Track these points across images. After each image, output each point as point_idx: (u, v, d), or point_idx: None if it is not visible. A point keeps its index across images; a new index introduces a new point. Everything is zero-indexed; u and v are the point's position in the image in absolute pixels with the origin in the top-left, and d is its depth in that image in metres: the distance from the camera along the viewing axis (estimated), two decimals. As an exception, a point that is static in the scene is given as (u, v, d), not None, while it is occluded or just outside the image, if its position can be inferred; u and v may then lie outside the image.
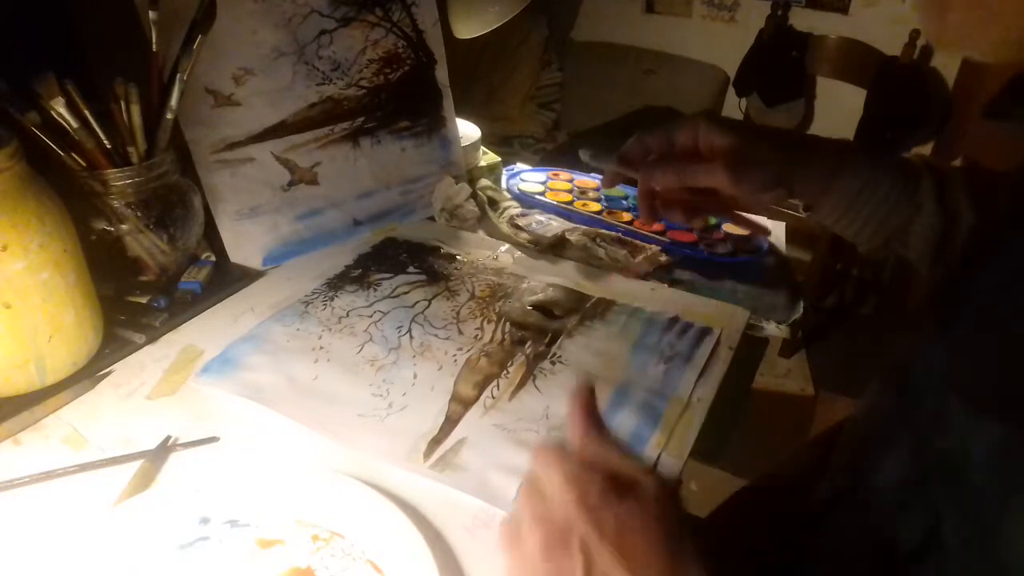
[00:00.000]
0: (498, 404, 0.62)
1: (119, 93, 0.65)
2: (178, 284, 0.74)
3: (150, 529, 0.47)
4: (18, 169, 0.54)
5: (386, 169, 0.90)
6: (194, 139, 0.76)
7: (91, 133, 0.65)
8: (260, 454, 0.56)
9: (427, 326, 0.72)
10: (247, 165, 0.80)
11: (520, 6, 1.14)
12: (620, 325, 0.73)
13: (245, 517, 0.49)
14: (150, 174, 0.68)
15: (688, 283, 0.82)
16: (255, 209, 0.81)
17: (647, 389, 0.64)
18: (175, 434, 0.57)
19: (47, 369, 0.59)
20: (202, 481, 0.51)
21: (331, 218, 0.87)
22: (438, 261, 0.83)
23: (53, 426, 0.57)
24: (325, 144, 0.85)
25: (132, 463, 0.53)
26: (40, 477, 0.52)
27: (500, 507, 0.52)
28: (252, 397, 0.61)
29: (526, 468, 0.54)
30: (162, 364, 0.65)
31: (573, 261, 0.85)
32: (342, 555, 0.47)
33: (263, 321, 0.71)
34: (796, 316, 0.79)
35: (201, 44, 0.68)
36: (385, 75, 0.88)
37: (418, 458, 0.56)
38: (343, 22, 0.84)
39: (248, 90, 0.79)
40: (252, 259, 0.81)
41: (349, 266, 0.81)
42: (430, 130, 0.93)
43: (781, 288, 0.82)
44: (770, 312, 0.79)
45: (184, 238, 0.73)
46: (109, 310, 0.67)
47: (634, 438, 0.59)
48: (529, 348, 0.69)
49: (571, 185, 1.01)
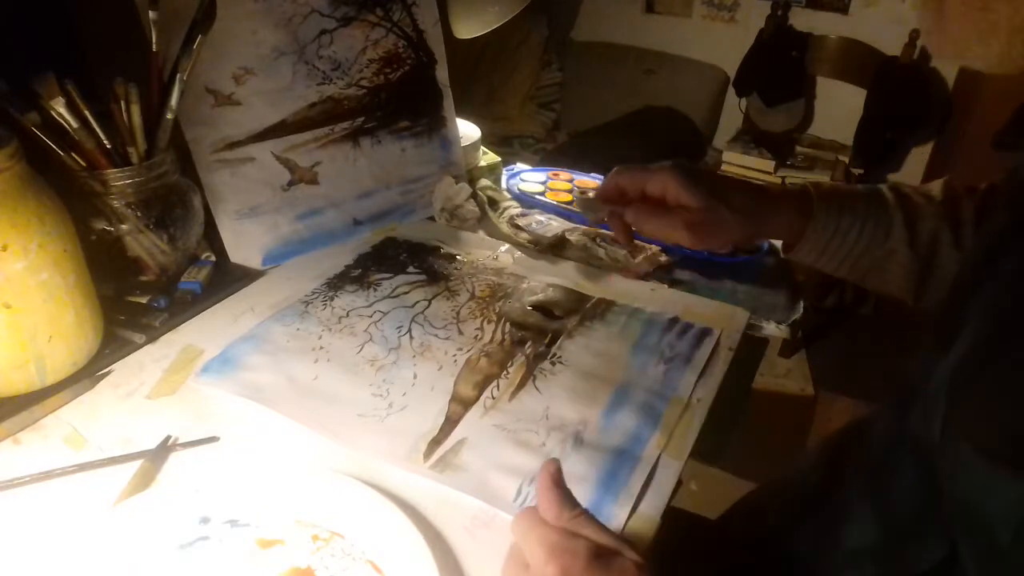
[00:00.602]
0: (498, 404, 0.62)
1: (119, 93, 0.65)
2: (178, 284, 0.74)
3: (150, 529, 0.47)
4: (18, 169, 0.54)
5: (386, 169, 0.90)
6: (194, 139, 0.76)
7: (91, 133, 0.64)
8: (260, 454, 0.56)
9: (427, 326, 0.72)
10: (247, 165, 0.80)
11: (520, 6, 1.13)
12: (620, 325, 0.73)
13: (245, 517, 0.49)
14: (150, 174, 0.68)
15: (688, 283, 0.82)
16: (255, 209, 0.81)
17: (647, 390, 0.64)
18: (175, 434, 0.57)
19: (47, 369, 0.59)
20: (202, 481, 0.51)
21: (331, 218, 0.87)
22: (438, 261, 0.83)
23: (53, 426, 0.57)
24: (325, 144, 0.85)
25: (132, 463, 0.53)
26: (40, 477, 0.52)
27: (500, 507, 0.52)
28: (252, 397, 0.61)
29: (526, 469, 0.54)
30: (162, 364, 0.65)
31: (573, 261, 0.85)
32: (342, 555, 0.47)
33: (263, 321, 0.71)
34: (796, 316, 0.79)
35: (201, 44, 0.68)
36: (385, 75, 0.88)
37: (418, 458, 0.56)
38: (343, 22, 0.84)
39: (248, 90, 0.79)
40: (252, 259, 0.81)
41: (349, 266, 0.81)
42: (430, 130, 0.93)
43: (781, 288, 0.82)
44: (770, 312, 0.79)
45: (184, 238, 0.73)
46: (109, 310, 0.67)
47: (634, 438, 0.59)
48: (529, 348, 0.69)
49: (571, 185, 1.01)
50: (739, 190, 0.64)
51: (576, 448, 0.57)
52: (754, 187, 0.65)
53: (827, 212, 0.63)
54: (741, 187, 0.65)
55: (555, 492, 0.40)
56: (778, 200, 0.65)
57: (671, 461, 0.57)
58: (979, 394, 0.38)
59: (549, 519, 0.40)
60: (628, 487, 0.54)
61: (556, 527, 0.39)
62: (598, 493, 0.53)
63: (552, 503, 0.40)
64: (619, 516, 0.51)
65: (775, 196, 0.65)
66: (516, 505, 0.52)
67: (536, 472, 0.48)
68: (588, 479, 0.54)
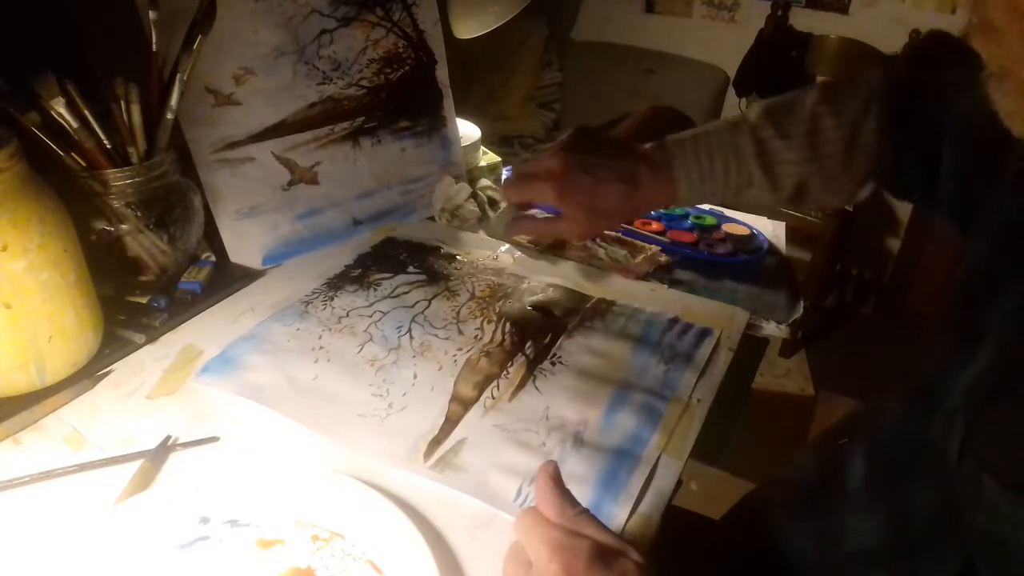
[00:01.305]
0: (498, 404, 0.62)
1: (119, 93, 0.65)
2: (178, 284, 0.73)
3: (150, 529, 0.47)
4: (18, 169, 0.54)
5: (386, 169, 0.90)
6: (194, 139, 0.76)
7: (91, 133, 0.65)
8: (260, 454, 0.56)
9: (427, 326, 0.72)
10: (247, 165, 0.80)
11: (520, 6, 1.14)
12: (620, 326, 0.73)
13: (245, 517, 0.49)
14: (150, 174, 0.68)
15: (688, 283, 0.82)
16: (255, 209, 0.81)
17: (647, 390, 0.64)
18: (175, 434, 0.57)
19: (47, 369, 0.59)
20: (202, 481, 0.51)
21: (331, 218, 0.87)
22: (438, 261, 0.83)
23: (53, 426, 0.57)
24: (325, 144, 0.85)
25: (132, 463, 0.53)
26: (40, 477, 0.52)
27: (500, 508, 0.52)
28: (252, 397, 0.61)
29: (526, 469, 0.54)
30: (162, 364, 0.65)
31: (573, 261, 0.85)
32: (342, 555, 0.47)
33: (263, 321, 0.71)
34: (796, 316, 0.79)
35: (201, 44, 0.68)
36: (385, 75, 0.88)
37: (418, 458, 0.56)
38: (343, 22, 0.84)
39: (248, 89, 0.79)
40: (252, 259, 0.81)
41: (349, 266, 0.81)
42: (430, 130, 0.93)
43: (781, 288, 0.82)
44: (770, 312, 0.78)
45: (184, 238, 0.73)
46: (109, 310, 0.67)
47: (634, 439, 0.59)
48: (529, 348, 0.69)
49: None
50: (605, 147, 0.68)
51: (576, 448, 0.57)
52: (625, 173, 0.67)
53: (686, 154, 0.66)
54: (607, 146, 0.69)
55: (555, 491, 0.40)
56: (640, 150, 0.68)
57: (671, 461, 0.57)
58: (1001, 419, 0.37)
59: (551, 518, 0.40)
60: (628, 487, 0.54)
61: (559, 526, 0.39)
62: (598, 493, 0.53)
63: (553, 502, 0.40)
64: (619, 516, 0.51)
65: (634, 146, 0.68)
66: (516, 505, 0.52)
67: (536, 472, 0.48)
68: (588, 479, 0.54)
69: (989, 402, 0.38)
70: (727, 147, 0.65)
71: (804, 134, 0.64)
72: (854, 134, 0.63)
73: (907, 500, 0.45)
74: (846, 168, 0.64)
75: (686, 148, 0.66)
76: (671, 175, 0.66)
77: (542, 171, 0.67)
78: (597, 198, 0.66)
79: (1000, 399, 0.38)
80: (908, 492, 0.45)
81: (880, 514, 0.48)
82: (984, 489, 0.36)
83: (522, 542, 0.39)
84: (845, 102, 0.63)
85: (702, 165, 0.66)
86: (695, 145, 0.66)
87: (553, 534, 0.38)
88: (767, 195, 0.66)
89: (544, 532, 0.38)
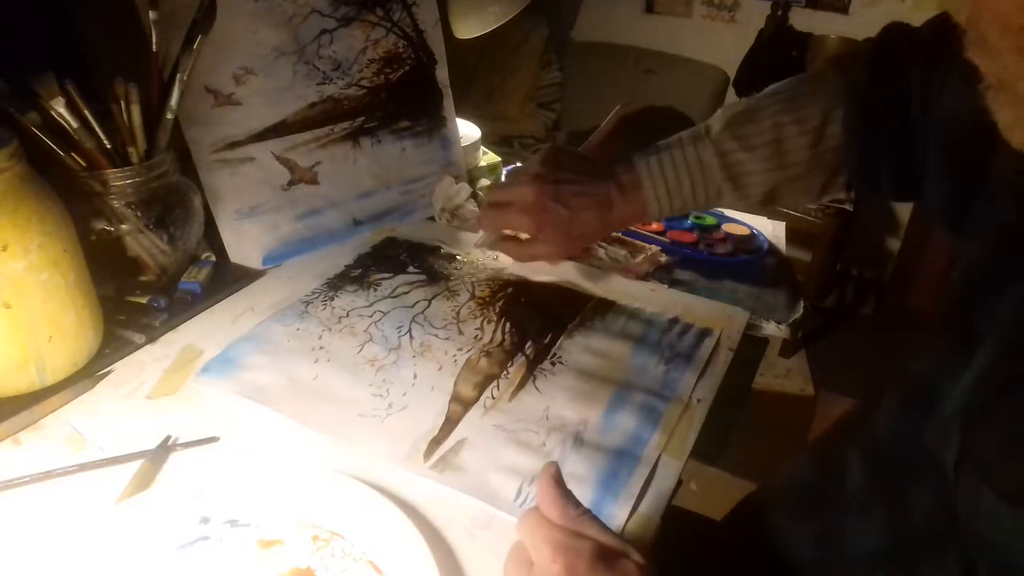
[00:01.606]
0: (498, 404, 0.62)
1: (119, 93, 0.65)
2: (178, 284, 0.74)
3: (150, 529, 0.47)
4: (18, 169, 0.54)
5: (386, 169, 0.90)
6: (194, 139, 0.76)
7: (91, 133, 0.65)
8: (260, 454, 0.56)
9: (427, 326, 0.72)
10: (247, 165, 0.80)
11: (520, 6, 1.14)
12: (620, 326, 0.73)
13: (245, 517, 0.49)
14: (150, 174, 0.68)
15: (688, 283, 0.82)
16: (255, 209, 0.81)
17: (647, 390, 0.64)
18: (175, 434, 0.57)
19: (47, 369, 0.59)
20: (202, 481, 0.51)
21: (331, 218, 0.87)
22: (438, 261, 0.83)
23: (53, 426, 0.57)
24: (325, 144, 0.85)
25: (132, 463, 0.53)
26: (40, 477, 0.52)
27: (500, 508, 0.52)
28: (252, 397, 0.61)
29: (526, 469, 0.54)
30: (162, 364, 0.65)
31: (573, 261, 0.85)
32: (342, 555, 0.47)
33: (263, 321, 0.71)
34: (796, 316, 0.79)
35: (201, 44, 0.68)
36: (385, 75, 0.88)
37: (418, 458, 0.56)
38: (344, 22, 0.84)
39: (248, 89, 0.79)
40: (252, 259, 0.81)
41: (349, 266, 0.81)
42: (430, 130, 0.93)
43: (781, 288, 0.82)
44: (770, 312, 0.79)
45: (184, 238, 0.73)
46: (109, 310, 0.67)
47: (634, 439, 0.59)
48: (529, 348, 0.69)
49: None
50: (580, 170, 0.69)
51: (576, 448, 0.57)
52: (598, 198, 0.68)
53: (651, 169, 0.67)
54: (581, 168, 0.70)
55: (558, 492, 0.40)
56: (609, 170, 0.69)
57: (671, 461, 0.57)
58: (1001, 420, 0.37)
59: (553, 518, 0.40)
60: (628, 487, 0.54)
61: (561, 526, 0.39)
62: (598, 493, 0.53)
63: (555, 503, 0.40)
64: (619, 516, 0.51)
65: (604, 168, 0.70)
66: (516, 505, 0.52)
67: (536, 472, 0.48)
68: (588, 479, 0.54)
69: (989, 403, 0.38)
70: (693, 164, 0.67)
71: (768, 143, 0.65)
72: (818, 139, 0.64)
73: (906, 503, 0.45)
74: (813, 171, 0.65)
75: (652, 168, 0.67)
76: (640, 195, 0.68)
77: (517, 202, 0.68)
78: (574, 225, 0.68)
79: (1001, 399, 0.37)
80: (907, 495, 0.45)
81: (880, 516, 0.47)
82: (983, 503, 0.36)
83: (525, 542, 0.40)
84: (807, 109, 0.64)
85: (669, 183, 0.67)
86: (660, 164, 0.67)
87: (556, 535, 0.38)
88: (738, 203, 0.69)
89: (547, 532, 0.38)
